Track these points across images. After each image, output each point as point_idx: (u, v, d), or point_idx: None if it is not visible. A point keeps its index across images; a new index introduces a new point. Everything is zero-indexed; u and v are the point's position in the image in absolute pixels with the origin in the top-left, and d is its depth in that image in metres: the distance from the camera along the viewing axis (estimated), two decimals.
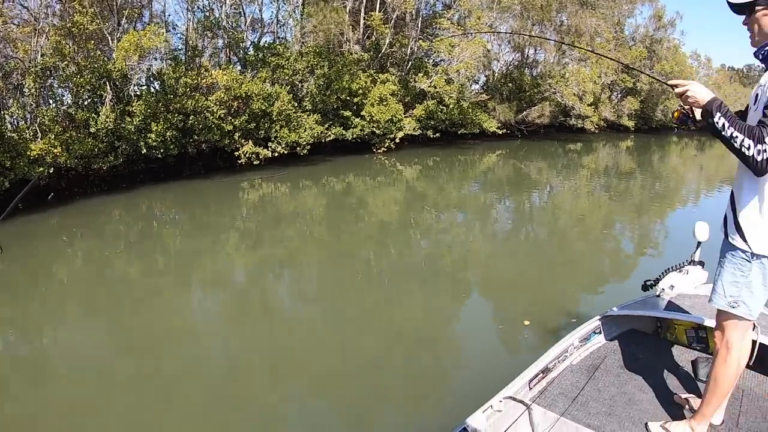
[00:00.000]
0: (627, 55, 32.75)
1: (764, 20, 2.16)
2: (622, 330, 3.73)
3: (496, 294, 6.42)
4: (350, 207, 10.76)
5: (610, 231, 9.95)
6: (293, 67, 14.88)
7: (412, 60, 19.79)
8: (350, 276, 6.62)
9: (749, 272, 2.27)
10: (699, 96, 2.20)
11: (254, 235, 8.16)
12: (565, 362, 3.26)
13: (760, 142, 1.99)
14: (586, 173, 18.72)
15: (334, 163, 15.49)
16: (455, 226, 9.64)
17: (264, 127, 13.22)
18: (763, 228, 2.21)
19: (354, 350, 4.57)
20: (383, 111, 16.59)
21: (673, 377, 3.19)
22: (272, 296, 6.03)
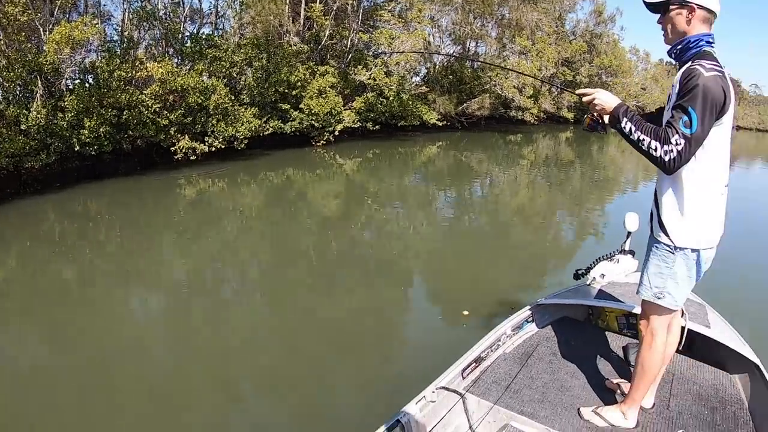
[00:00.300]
0: (567, 48, 34.02)
1: (677, 19, 2.30)
2: (555, 318, 3.87)
3: (436, 285, 6.69)
4: (290, 201, 11.07)
5: (549, 220, 10.63)
6: (231, 59, 14.98)
7: (353, 52, 20.12)
8: (291, 271, 6.81)
9: (673, 264, 2.41)
10: (605, 103, 2.36)
11: (192, 233, 8.37)
12: (498, 351, 3.35)
13: (666, 143, 2.12)
14: (526, 164, 19.68)
15: (273, 156, 15.75)
16: (396, 218, 10.09)
17: (200, 122, 13.34)
18: (684, 222, 2.35)
19: (296, 346, 4.73)
20: (322, 104, 16.91)
21: (604, 363, 3.34)
22: (213, 294, 6.13)
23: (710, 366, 3.38)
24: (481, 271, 7.09)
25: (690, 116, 2.08)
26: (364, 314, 5.56)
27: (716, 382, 3.20)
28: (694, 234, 2.34)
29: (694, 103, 2.08)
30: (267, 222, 9.42)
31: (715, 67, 2.13)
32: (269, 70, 15.69)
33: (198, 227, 8.75)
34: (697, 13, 2.24)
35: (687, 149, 2.10)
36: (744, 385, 3.20)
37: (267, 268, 7.02)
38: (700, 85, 2.08)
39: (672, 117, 2.15)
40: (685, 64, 2.25)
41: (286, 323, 5.26)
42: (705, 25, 2.28)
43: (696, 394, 3.06)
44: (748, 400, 3.06)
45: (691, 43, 2.27)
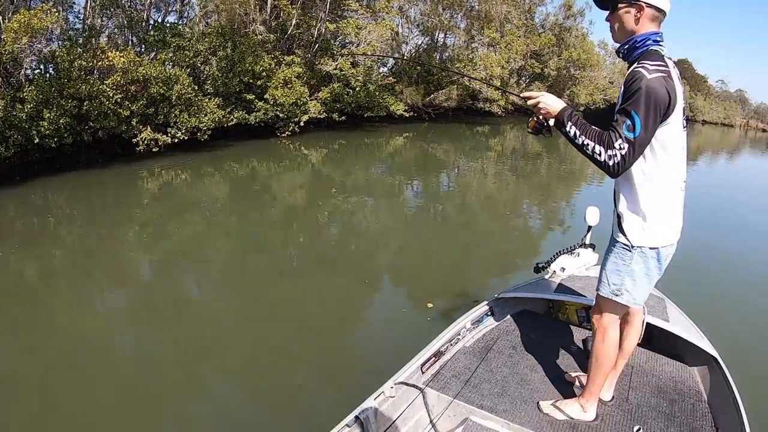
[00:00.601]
0: (536, 41, 34.58)
1: (626, 17, 2.30)
2: (515, 311, 3.90)
3: (402, 276, 6.84)
4: (255, 193, 11.28)
5: (515, 212, 11.07)
6: (195, 48, 15.03)
7: (319, 42, 20.26)
8: (257, 264, 6.97)
9: (630, 261, 2.44)
10: (550, 107, 2.40)
11: (156, 227, 8.50)
12: (458, 345, 3.36)
13: (610, 147, 2.16)
14: (493, 155, 20.23)
15: (237, 148, 15.87)
16: (363, 210, 10.38)
17: (163, 112, 13.36)
18: (640, 222, 2.38)
19: (260, 339, 4.85)
20: (288, 94, 17.07)
21: (565, 356, 3.40)
22: (178, 289, 6.21)
23: (669, 359, 3.46)
24: (447, 262, 7.29)
25: (633, 120, 2.11)
26: (329, 306, 5.71)
27: (675, 374, 3.29)
28: (651, 233, 2.38)
29: (638, 106, 2.11)
30: (232, 214, 9.56)
31: (659, 68, 2.15)
32: (234, 60, 15.72)
33: (161, 221, 8.86)
34: (645, 11, 2.25)
35: (631, 153, 2.13)
36: (703, 377, 3.29)
37: (232, 261, 7.13)
38: (643, 87, 2.10)
39: (615, 121, 2.18)
40: (633, 63, 2.28)
41: (251, 316, 5.39)
42: (654, 24, 2.30)
43: (655, 386, 3.12)
44: (706, 393, 3.14)
45: (638, 42, 2.29)
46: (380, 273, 7.02)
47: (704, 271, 7.43)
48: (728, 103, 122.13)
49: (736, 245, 9.34)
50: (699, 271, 7.24)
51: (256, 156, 15.31)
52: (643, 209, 2.36)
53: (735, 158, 36.75)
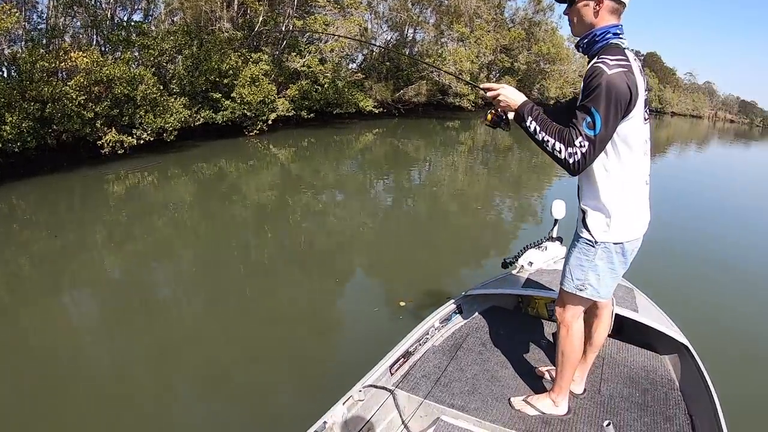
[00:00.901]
0: (506, 36, 35.15)
1: (584, 11, 2.28)
2: (483, 308, 3.90)
3: (374, 274, 7.00)
4: (223, 194, 11.41)
5: (486, 207, 11.39)
6: (160, 47, 15.03)
7: (287, 38, 20.37)
8: (227, 265, 6.99)
9: (594, 256, 2.46)
10: (511, 100, 2.36)
11: (124, 230, 8.58)
12: (427, 344, 3.36)
13: (570, 145, 2.14)
14: (464, 150, 20.84)
15: (205, 148, 15.94)
16: (334, 208, 10.63)
17: (128, 113, 13.38)
18: (603, 217, 2.39)
19: (231, 342, 4.91)
20: (255, 92, 17.15)
21: (535, 350, 3.42)
22: (148, 292, 6.23)
23: (640, 348, 3.51)
24: (420, 259, 7.43)
25: (593, 117, 2.09)
26: (301, 308, 5.80)
27: (646, 364, 3.33)
28: (615, 228, 2.39)
29: (597, 103, 2.09)
30: (201, 216, 9.67)
31: (619, 62, 2.13)
32: (200, 58, 15.76)
33: (129, 224, 8.93)
34: (605, 4, 2.23)
35: (591, 151, 2.13)
36: (674, 365, 3.34)
37: (202, 263, 7.19)
38: (603, 84, 2.08)
39: (575, 118, 2.16)
40: (593, 57, 2.26)
41: (221, 318, 5.46)
42: (613, 16, 2.27)
43: (627, 376, 3.16)
44: (678, 380, 3.19)
45: (597, 36, 2.27)
46: (352, 272, 7.16)
47: (672, 259, 7.85)
48: (697, 95, 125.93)
49: (702, 234, 10.02)
50: (667, 259, 7.65)
51: (224, 156, 15.41)
52: (607, 205, 2.37)
53: (703, 148, 38.24)
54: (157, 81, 14.31)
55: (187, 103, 15.26)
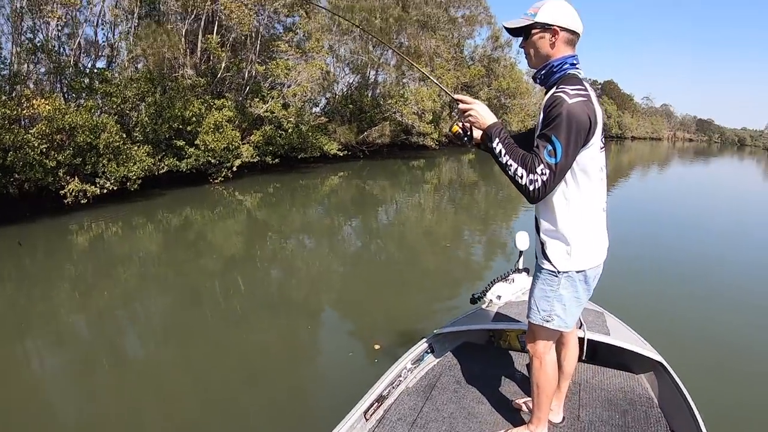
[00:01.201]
0: (466, 73, 36.24)
1: (540, 43, 2.35)
2: (455, 345, 3.90)
3: (347, 318, 7.06)
4: (191, 243, 11.44)
5: (455, 243, 11.59)
6: (123, 94, 15.19)
7: (251, 84, 20.67)
8: (197, 315, 7.03)
9: (558, 286, 2.48)
10: (482, 117, 2.40)
11: (89, 283, 8.54)
12: (401, 386, 3.34)
13: (532, 171, 2.18)
14: (430, 188, 21.16)
15: (170, 196, 15.98)
16: (303, 252, 10.71)
17: (91, 162, 13.40)
18: (564, 247, 2.42)
19: (203, 393, 4.92)
20: (219, 139, 17.34)
21: (510, 383, 3.41)
22: (117, 346, 6.18)
23: (616, 370, 3.55)
24: (391, 301, 7.53)
25: (554, 145, 2.15)
26: (274, 356, 5.84)
27: (624, 385, 3.37)
28: (576, 257, 2.43)
29: (558, 131, 2.14)
30: (167, 266, 9.66)
31: (579, 92, 2.20)
32: (163, 105, 15.92)
33: (94, 277, 8.88)
34: (560, 35, 2.32)
35: (552, 179, 2.18)
36: (651, 383, 3.37)
37: (171, 314, 7.25)
38: (563, 113, 2.14)
39: (536, 146, 2.21)
40: (551, 88, 2.34)
41: (192, 370, 5.45)
42: (569, 47, 2.35)
43: (605, 400, 3.18)
44: (657, 398, 3.23)
45: (554, 66, 2.35)
46: (324, 317, 7.22)
47: (639, 278, 8.28)
48: (655, 117, 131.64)
49: (666, 252, 10.53)
50: (634, 280, 8.07)
51: (189, 204, 15.44)
52: (567, 234, 2.40)
53: (665, 169, 39.79)
54: (120, 129, 14.37)
55: (151, 151, 15.31)
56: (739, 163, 62.33)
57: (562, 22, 2.31)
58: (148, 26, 17.04)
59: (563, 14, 2.32)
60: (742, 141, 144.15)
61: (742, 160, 69.38)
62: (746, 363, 5.55)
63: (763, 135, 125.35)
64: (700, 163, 54.49)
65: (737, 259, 10.16)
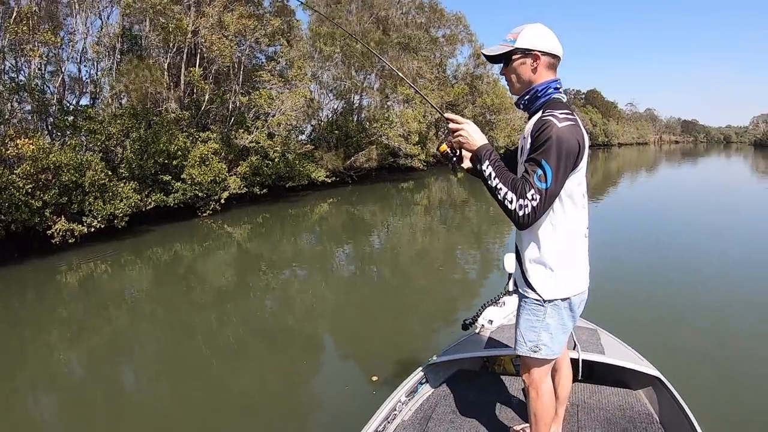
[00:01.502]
0: (450, 92, 36.69)
1: (521, 69, 2.34)
2: (450, 373, 3.84)
3: (342, 349, 7.11)
4: (181, 278, 11.49)
5: (448, 265, 11.63)
6: (107, 131, 15.32)
7: (235, 115, 20.88)
8: (191, 351, 7.05)
9: (544, 315, 2.43)
10: (472, 138, 2.37)
11: (80, 323, 8.58)
12: (396, 421, 3.28)
13: (522, 197, 2.14)
14: (420, 209, 21.28)
15: (158, 232, 16.07)
16: (295, 282, 10.77)
17: (77, 200, 13.48)
18: (549, 275, 2.38)
19: (200, 430, 4.94)
20: (205, 172, 17.47)
21: (507, 410, 3.35)
22: (112, 386, 6.17)
23: (613, 387, 3.51)
24: (387, 329, 7.55)
25: (544, 170, 2.12)
26: (270, 391, 5.83)
27: (622, 402, 3.33)
28: (561, 285, 2.39)
29: (548, 156, 2.12)
30: (159, 303, 9.70)
31: (568, 117, 2.18)
32: (147, 141, 16.05)
33: (85, 316, 8.91)
34: (542, 60, 2.31)
35: (542, 204, 2.14)
36: (650, 398, 3.35)
37: (165, 351, 7.28)
38: (553, 137, 2.12)
39: (526, 171, 2.17)
40: (536, 113, 2.32)
41: (188, 408, 5.47)
42: (551, 72, 2.35)
43: (604, 419, 3.14)
44: (657, 413, 3.21)
45: (539, 91, 2.33)
46: (320, 348, 7.25)
47: (630, 292, 8.29)
48: (640, 122, 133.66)
49: (656, 263, 10.58)
50: (626, 294, 8.10)
51: (179, 239, 15.51)
52: (552, 261, 2.37)
53: (653, 174, 40.19)
54: (106, 166, 14.50)
55: (137, 187, 15.40)
56: (727, 160, 63.27)
57: (543, 46, 2.31)
58: (130, 62, 17.23)
59: (543, 39, 2.32)
60: (727, 138, 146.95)
61: (729, 157, 70.37)
62: (746, 375, 5.56)
63: (748, 130, 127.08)
64: (687, 164, 55.31)
65: (733, 270, 10.13)
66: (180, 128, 17.69)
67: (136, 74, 16.67)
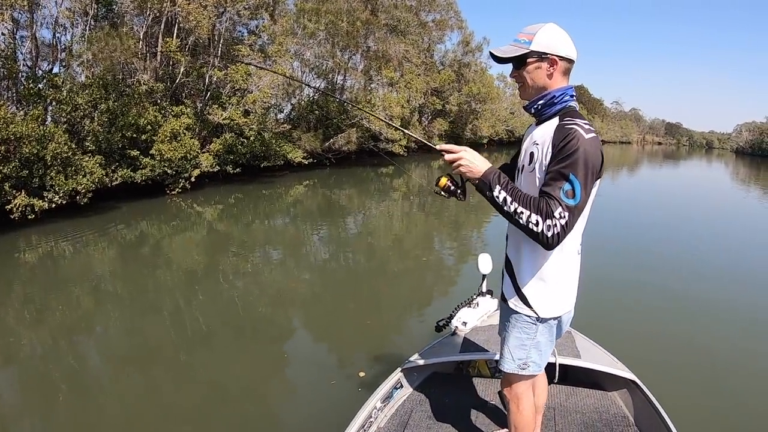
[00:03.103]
0: (436, 78, 36.51)
1: (536, 73, 2.23)
2: (424, 377, 3.87)
3: (320, 341, 7.00)
4: (147, 258, 11.24)
5: (429, 252, 11.83)
6: (74, 101, 14.85)
7: (211, 90, 20.45)
8: (158, 338, 6.91)
9: (536, 334, 2.40)
10: (474, 166, 2.22)
11: (40, 303, 8.32)
12: (372, 428, 3.29)
13: (549, 217, 2.02)
14: (399, 196, 21.33)
15: (124, 209, 15.69)
16: (269, 266, 10.67)
17: (38, 174, 13.06)
18: (547, 293, 2.33)
19: (168, 421, 4.83)
20: (175, 148, 17.09)
21: (483, 413, 3.40)
22: (73, 369, 6.06)
23: (589, 389, 3.60)
24: (359, 317, 7.56)
25: (573, 185, 2.02)
26: (246, 381, 5.70)
27: (598, 405, 3.41)
28: (558, 303, 2.37)
29: (576, 169, 2.02)
30: (123, 283, 9.49)
31: (591, 128, 2.10)
32: (116, 113, 15.62)
33: (44, 297, 8.63)
34: (559, 65, 2.21)
35: (571, 221, 2.04)
36: (625, 401, 3.43)
37: (129, 334, 7.08)
38: (581, 149, 2.03)
39: (550, 186, 2.06)
40: (547, 119, 2.25)
41: (156, 399, 5.34)
42: (565, 78, 2.26)
43: (580, 423, 3.20)
44: (632, 416, 3.28)
45: (555, 98, 2.24)
46: (296, 338, 7.12)
47: (605, 294, 8.34)
48: (624, 121, 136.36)
49: (631, 263, 10.94)
50: (601, 296, 8.11)
51: (145, 217, 15.24)
52: (551, 279, 2.32)
53: (634, 173, 40.61)
54: (70, 138, 14.05)
55: (103, 162, 15.00)
56: (708, 165, 64.75)
57: (561, 50, 2.20)
58: (102, 29, 16.70)
59: (561, 42, 2.21)
60: (710, 144, 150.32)
61: (710, 162, 71.95)
62: (720, 377, 5.73)
63: (731, 137, 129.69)
64: (669, 166, 56.22)
65: (708, 274, 10.39)
66: (152, 101, 17.28)
67: (106, 42, 16.05)
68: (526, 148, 2.34)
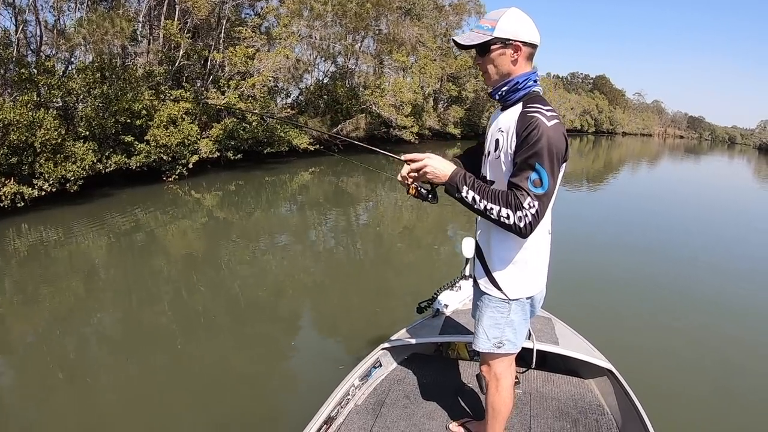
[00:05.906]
0: (452, 64, 36.09)
1: (500, 60, 2.29)
2: (403, 357, 3.98)
3: (322, 328, 7.05)
4: (142, 248, 11.15)
5: (438, 241, 11.88)
6: (67, 86, 14.75)
7: (213, 74, 20.27)
8: (153, 326, 6.94)
9: (509, 313, 2.49)
10: (439, 171, 2.32)
11: (31, 292, 8.27)
12: (349, 405, 3.36)
13: (519, 208, 2.12)
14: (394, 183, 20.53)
15: (119, 197, 15.59)
16: (269, 255, 10.56)
17: (27, 161, 12.98)
18: (516, 274, 2.43)
19: (161, 408, 4.91)
20: (172, 133, 16.92)
21: (460, 395, 3.49)
22: (67, 359, 6.09)
23: (566, 376, 3.71)
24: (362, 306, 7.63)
25: (540, 173, 2.10)
26: (244, 368, 5.75)
27: (574, 392, 3.51)
28: (527, 284, 2.46)
29: (541, 158, 2.10)
30: (117, 272, 9.41)
31: (553, 114, 2.16)
32: (111, 98, 15.46)
33: (35, 287, 8.55)
34: (523, 51, 2.27)
35: (542, 209, 2.13)
36: (601, 389, 3.54)
37: (127, 324, 7.09)
38: (544, 137, 2.09)
39: (517, 177, 2.15)
40: (512, 106, 2.31)
41: (152, 380, 5.44)
42: (529, 63, 2.32)
43: (556, 409, 3.31)
44: (607, 405, 3.38)
45: (519, 84, 2.30)
46: (300, 324, 7.17)
47: (586, 283, 8.60)
48: (646, 113, 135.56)
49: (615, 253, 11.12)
50: (581, 285, 8.39)
51: (140, 205, 15.07)
52: (522, 261, 2.41)
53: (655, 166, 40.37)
54: (61, 124, 13.91)
55: (96, 148, 14.88)
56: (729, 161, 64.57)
57: (524, 36, 2.25)
58: (95, 11, 16.56)
59: (524, 27, 2.26)
60: (732, 139, 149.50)
61: (732, 159, 71.52)
62: (695, 368, 5.96)
63: (754, 134, 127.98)
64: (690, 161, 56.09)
65: (690, 267, 10.55)
66: (150, 85, 17.10)
67: (98, 25, 15.89)
68: (491, 134, 2.40)
